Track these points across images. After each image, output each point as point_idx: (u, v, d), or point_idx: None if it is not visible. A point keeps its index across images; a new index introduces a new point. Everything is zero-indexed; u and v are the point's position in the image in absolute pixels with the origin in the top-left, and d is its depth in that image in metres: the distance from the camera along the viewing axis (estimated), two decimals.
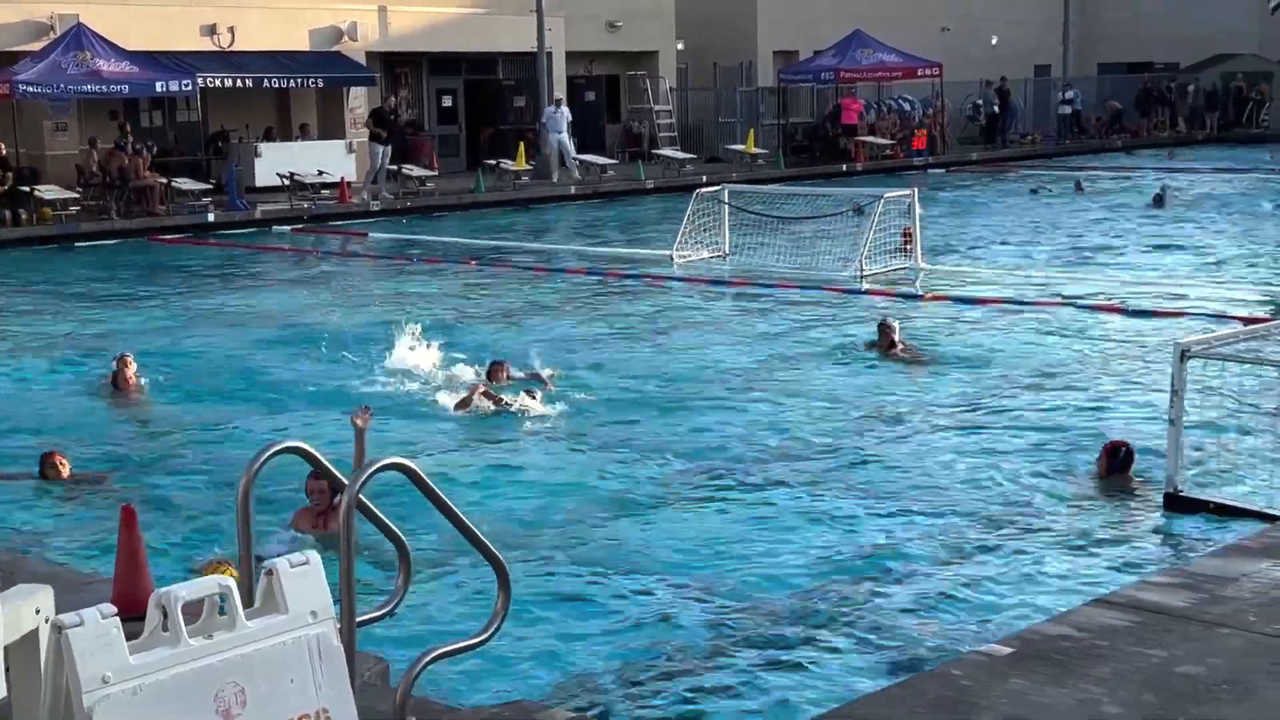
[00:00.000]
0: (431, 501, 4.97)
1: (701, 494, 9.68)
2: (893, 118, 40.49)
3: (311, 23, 32.11)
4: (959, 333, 15.63)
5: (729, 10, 42.49)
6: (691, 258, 21.71)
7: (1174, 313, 16.35)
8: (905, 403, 12.25)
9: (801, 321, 16.63)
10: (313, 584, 3.58)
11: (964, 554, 8.40)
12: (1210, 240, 23.42)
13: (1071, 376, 13.32)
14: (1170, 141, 45.66)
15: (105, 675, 3.19)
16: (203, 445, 11.36)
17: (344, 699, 3.56)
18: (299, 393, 13.23)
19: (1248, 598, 5.98)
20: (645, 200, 32.05)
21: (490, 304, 18.40)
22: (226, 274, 22.14)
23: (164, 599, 3.32)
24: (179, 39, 29.75)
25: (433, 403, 12.47)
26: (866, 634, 7.17)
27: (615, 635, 7.29)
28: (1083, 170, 36.65)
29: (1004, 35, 47.79)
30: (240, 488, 5.22)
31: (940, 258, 21.43)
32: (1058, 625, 5.86)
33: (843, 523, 9.02)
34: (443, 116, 36.75)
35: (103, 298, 19.72)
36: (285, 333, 16.52)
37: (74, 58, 27.02)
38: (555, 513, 9.39)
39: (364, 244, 25.66)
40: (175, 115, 32.15)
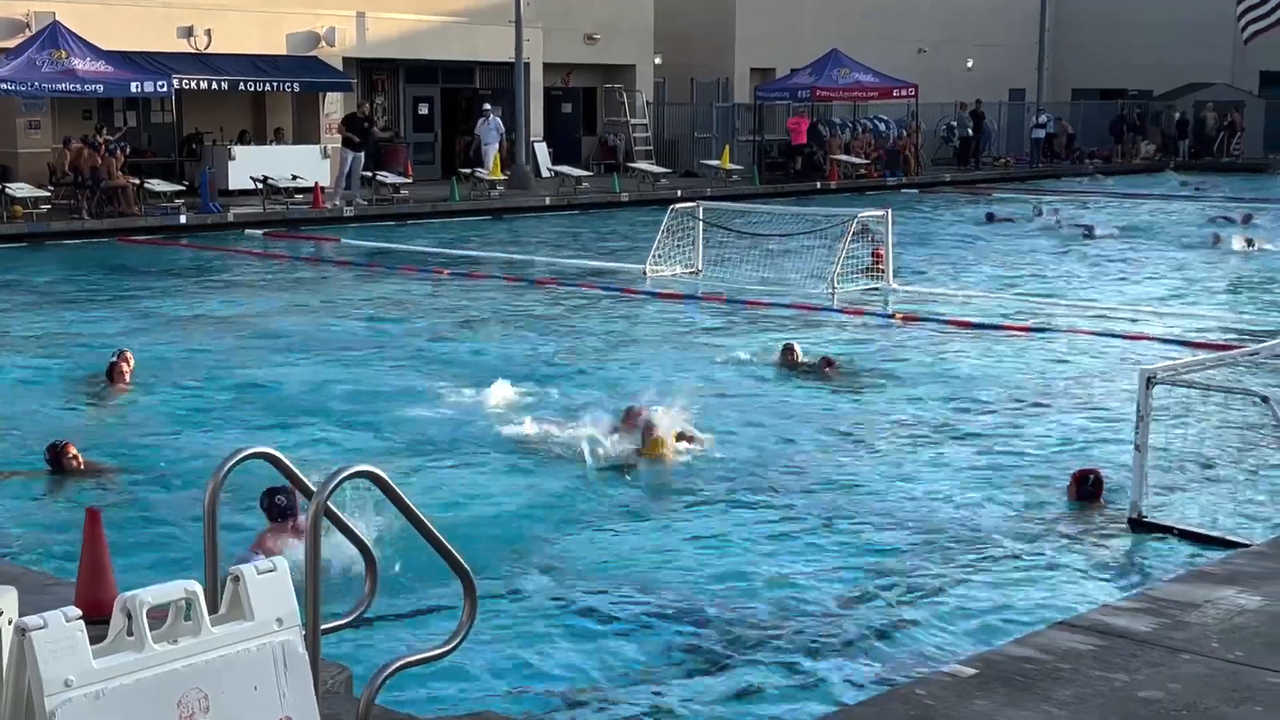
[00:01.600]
0: (400, 510, 4.96)
1: (668, 512, 9.66)
2: (867, 137, 40.67)
3: (289, 27, 32.07)
4: (927, 354, 15.68)
5: (707, 26, 42.63)
6: (664, 273, 21.74)
7: (1138, 336, 16.46)
8: (872, 424, 12.28)
9: (772, 338, 16.65)
10: (279, 591, 3.57)
11: (929, 575, 8.42)
12: (1163, 269, 23.57)
13: (1039, 399, 13.38)
14: (1142, 168, 45.99)
15: (68, 679, 3.17)
16: (174, 447, 11.30)
17: (308, 707, 3.55)
18: (269, 397, 13.19)
19: (1210, 624, 6.01)
20: (619, 213, 32.07)
21: (459, 313, 18.37)
22: (197, 276, 22.06)
23: (129, 603, 3.31)
24: (155, 40, 29.66)
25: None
26: (831, 654, 7.18)
27: (581, 649, 7.27)
28: (1051, 194, 36.90)
29: (979, 59, 48.06)
30: (207, 493, 5.20)
31: (912, 279, 21.49)
32: (1022, 647, 5.88)
33: (806, 543, 9.02)
34: (418, 124, 36.74)
35: (71, 297, 19.61)
36: (256, 336, 16.48)
37: (49, 55, 26.91)
38: (524, 525, 9.38)
39: (337, 249, 25.61)
40: (150, 116, 32.05)
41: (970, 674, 5.58)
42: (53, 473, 10.36)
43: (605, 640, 7.39)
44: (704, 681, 6.90)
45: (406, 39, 34.23)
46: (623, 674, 7.00)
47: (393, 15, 33.82)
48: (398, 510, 4.94)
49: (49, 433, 11.48)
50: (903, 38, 45.63)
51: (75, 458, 10.38)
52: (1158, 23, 50.37)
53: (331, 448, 11.23)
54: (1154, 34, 50.21)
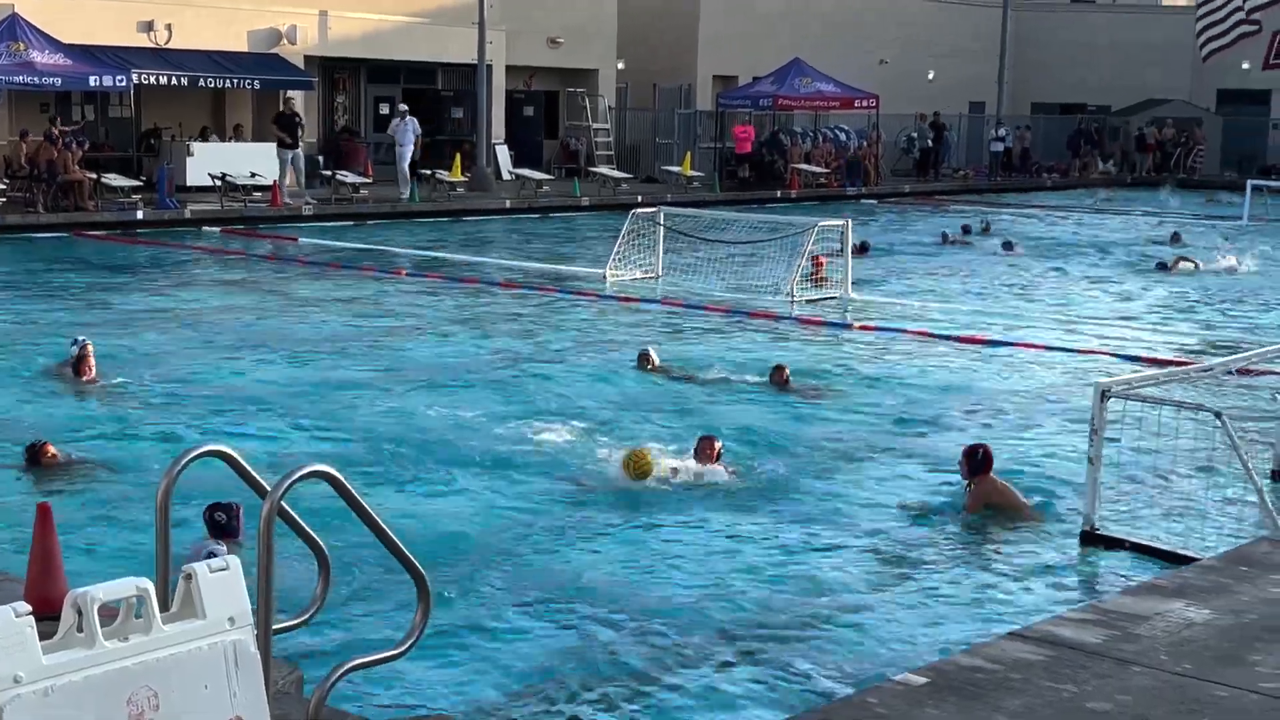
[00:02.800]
0: (354, 511, 4.95)
1: (621, 522, 9.64)
2: (828, 147, 40.81)
3: (250, 24, 31.91)
4: (881, 363, 15.75)
5: (670, 33, 42.70)
6: (624, 277, 21.75)
7: (1091, 350, 16.58)
8: (823, 434, 12.30)
9: (728, 346, 16.70)
10: (232, 590, 3.55)
11: (881, 584, 8.45)
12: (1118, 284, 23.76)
13: (992, 410, 13.46)
14: (1100, 183, 46.31)
15: (17, 675, 3.14)
16: (130, 443, 11.23)
17: (259, 707, 3.53)
18: (223, 394, 13.11)
19: (1160, 637, 6.06)
20: (579, 217, 32.07)
21: (417, 314, 18.32)
22: (153, 273, 21.92)
23: (80, 600, 3.28)
24: (115, 34, 29.44)
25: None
26: (783, 662, 7.18)
27: (533, 654, 7.27)
28: (1002, 208, 37.09)
29: (941, 71, 48.32)
30: (160, 491, 5.18)
31: (868, 288, 21.58)
32: (972, 657, 5.91)
33: (758, 551, 9.02)
34: (379, 124, 36.62)
35: (27, 291, 19.45)
36: (212, 334, 16.38)
37: (7, 47, 26.68)
38: (480, 529, 9.36)
39: (294, 248, 25.50)
40: (108, 110, 31.82)
41: (921, 683, 5.61)
42: (27, 468, 10.28)
43: (556, 646, 7.38)
44: (651, 690, 6.89)
45: (369, 38, 34.12)
46: (573, 679, 6.99)
47: (356, 15, 33.71)
48: (352, 511, 4.93)
49: (8, 426, 11.42)
50: (865, 48, 45.83)
51: (54, 456, 10.32)
52: (1118, 40, 50.81)
53: (286, 446, 11.17)
54: (1114, 51, 50.63)
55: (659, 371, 14.55)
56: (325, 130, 35.19)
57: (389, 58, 35.10)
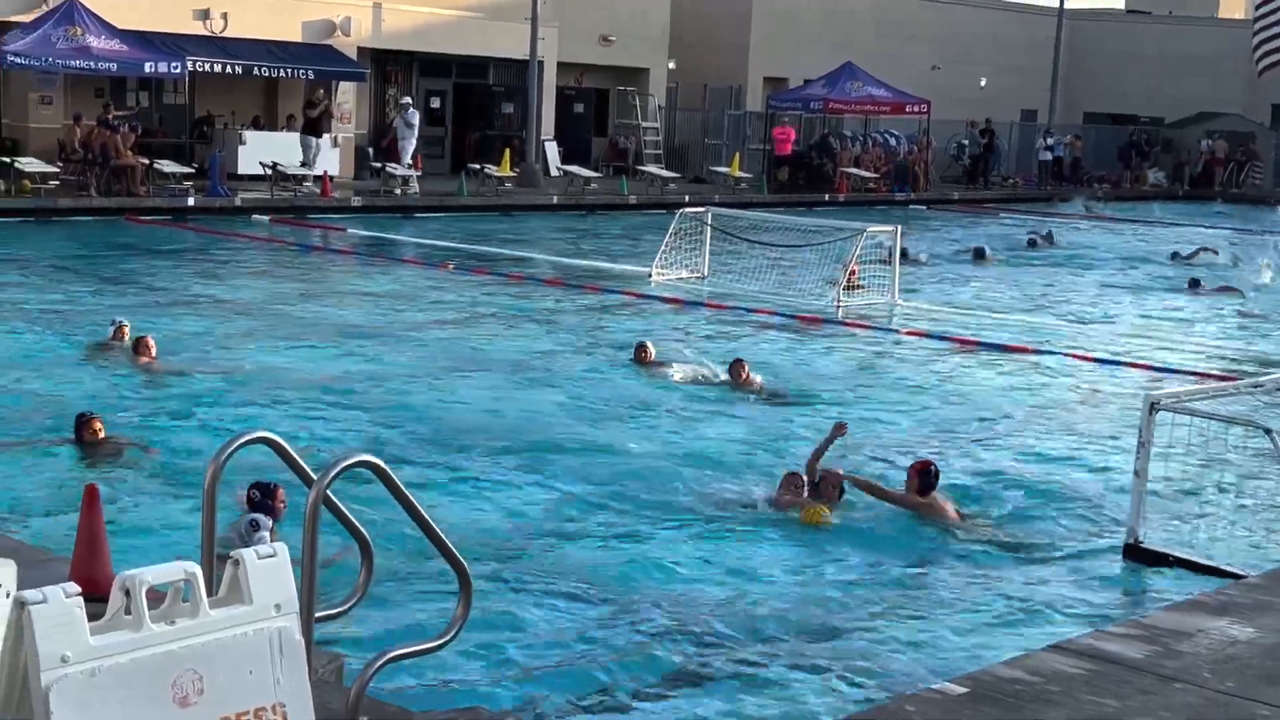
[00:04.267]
0: (399, 502, 4.96)
1: (669, 524, 9.63)
2: (877, 151, 40.66)
3: (305, 14, 32.07)
4: (929, 370, 15.68)
5: (722, 33, 42.65)
6: (670, 277, 21.74)
7: (1143, 365, 16.44)
8: (865, 439, 12.25)
9: (774, 349, 16.67)
10: (278, 576, 3.56)
11: (923, 593, 8.41)
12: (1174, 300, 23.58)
13: (1038, 420, 13.39)
14: (1151, 195, 45.93)
15: (65, 655, 3.16)
16: (177, 427, 11.30)
17: (302, 695, 3.54)
18: (270, 381, 13.19)
19: (1203, 654, 6.01)
20: (626, 215, 32.07)
21: (462, 307, 18.37)
22: (203, 259, 22.08)
23: (128, 582, 3.30)
24: (171, 21, 29.65)
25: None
26: (821, 667, 7.15)
27: (573, 651, 7.27)
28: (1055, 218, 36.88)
29: (993, 78, 48.09)
30: (207, 476, 5.20)
31: (918, 296, 21.49)
32: (1012, 668, 5.88)
33: (798, 555, 8.99)
34: (430, 118, 36.74)
35: (78, 273, 19.63)
36: (259, 321, 16.49)
37: (65, 32, 26.90)
38: (523, 524, 9.38)
39: (342, 238, 25.63)
40: (162, 97, 32.04)
41: (960, 693, 5.58)
42: (74, 443, 10.38)
43: (597, 644, 7.38)
44: (692, 694, 6.88)
45: (421, 32, 34.23)
46: (612, 680, 6.99)
47: (409, 8, 33.82)
48: (397, 501, 4.95)
49: (55, 404, 11.53)
50: (917, 54, 45.66)
51: (97, 431, 10.43)
52: (1172, 51, 50.41)
53: (329, 435, 11.23)
54: (1168, 63, 50.24)
55: (655, 365, 14.51)
56: (376, 123, 35.33)
57: (441, 51, 35.21)
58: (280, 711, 3.49)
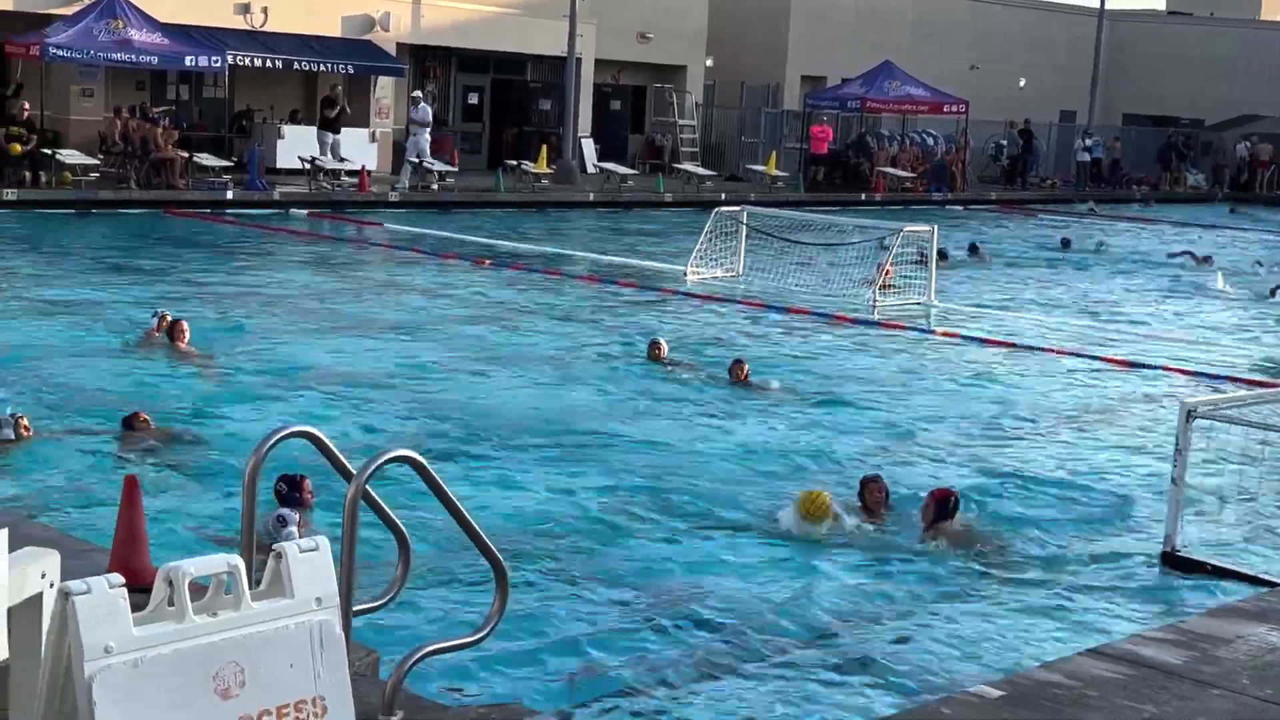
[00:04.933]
0: (437, 496, 4.99)
1: (708, 523, 9.62)
2: (914, 151, 40.53)
3: (345, 9, 32.19)
4: (965, 371, 15.63)
5: (760, 32, 42.60)
6: (705, 275, 21.73)
7: (1180, 370, 16.33)
8: (902, 442, 12.22)
9: (812, 348, 16.66)
10: (320, 570, 3.58)
11: (959, 596, 8.38)
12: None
13: (1074, 424, 13.32)
14: (1190, 197, 45.61)
15: (108, 645, 3.18)
16: (214, 420, 11.35)
17: (342, 688, 3.56)
18: (307, 375, 13.24)
19: (1242, 660, 5.98)
20: (662, 213, 32.07)
21: (497, 303, 18.41)
22: (241, 252, 22.20)
23: (172, 573, 3.32)
24: (212, 15, 29.80)
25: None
26: (857, 672, 7.13)
27: (609, 647, 7.28)
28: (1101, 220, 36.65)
29: (1032, 79, 47.88)
30: (248, 469, 5.25)
31: (956, 297, 21.42)
32: (1049, 672, 5.86)
33: (835, 560, 8.95)
34: (468, 113, 36.83)
35: (117, 264, 19.76)
36: (297, 314, 16.56)
37: (106, 25, 27.07)
38: (560, 520, 9.39)
39: (381, 233, 25.72)
40: (202, 90, 32.21)
41: (996, 695, 5.57)
42: (118, 432, 10.54)
43: (633, 641, 7.38)
44: (728, 693, 6.88)
45: (460, 28, 34.31)
46: (646, 676, 6.99)
47: (448, 4, 33.90)
48: (435, 496, 4.97)
49: (94, 395, 11.61)
50: (956, 53, 45.49)
51: (145, 421, 10.60)
52: (1213, 54, 50.08)
53: (366, 428, 11.27)
54: (1209, 65, 49.91)
55: (668, 362, 14.54)
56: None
57: (479, 47, 35.28)
58: (320, 704, 3.51)
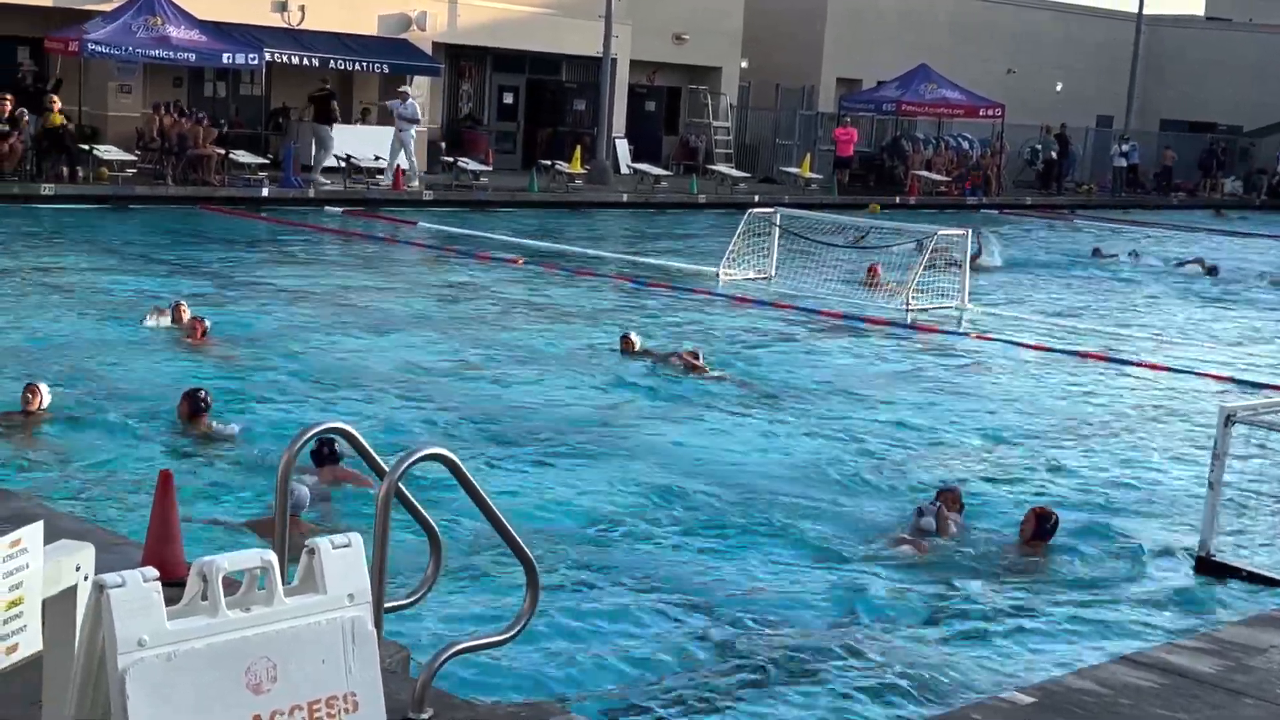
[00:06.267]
0: (469, 494, 4.99)
1: (736, 520, 9.61)
2: (950, 154, 40.39)
3: (381, 8, 32.28)
4: (998, 375, 15.57)
5: (796, 33, 42.51)
6: (737, 277, 21.70)
7: (1215, 376, 16.22)
8: (938, 448, 12.18)
9: (841, 351, 16.62)
10: (352, 566, 3.58)
11: (992, 601, 8.34)
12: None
13: (1108, 429, 13.25)
14: (1228, 204, 45.27)
15: (142, 638, 3.20)
16: (249, 414, 11.39)
17: (373, 685, 3.56)
18: (341, 372, 13.28)
19: (1275, 669, 5.94)
20: (696, 214, 32.06)
21: (530, 303, 18.42)
22: (277, 249, 22.29)
23: (205, 568, 3.33)
24: (249, 12, 29.94)
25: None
26: (889, 677, 7.09)
27: (639, 644, 7.28)
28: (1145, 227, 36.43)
29: (1069, 83, 47.64)
30: (281, 465, 5.27)
31: (987, 300, 21.34)
32: (1081, 679, 5.83)
33: (867, 567, 8.91)
34: (502, 113, 36.89)
35: (153, 259, 19.87)
36: (332, 311, 16.62)
37: (145, 21, 27.22)
38: (593, 519, 9.39)
39: (414, 231, 25.78)
40: (239, 88, 32.35)
41: (1028, 702, 5.54)
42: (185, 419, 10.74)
43: (661, 642, 7.37)
44: (755, 698, 6.86)
45: (496, 27, 34.36)
46: (673, 679, 6.99)
47: (484, 3, 33.96)
48: (467, 494, 4.97)
49: (128, 389, 11.68)
50: (992, 57, 45.31)
51: (202, 406, 10.79)
52: (1253, 59, 49.70)
53: (396, 425, 11.29)
54: (1248, 70, 49.52)
55: (641, 355, 14.60)
56: (448, 117, 35.52)
57: (514, 47, 35.34)
58: (351, 701, 3.51)
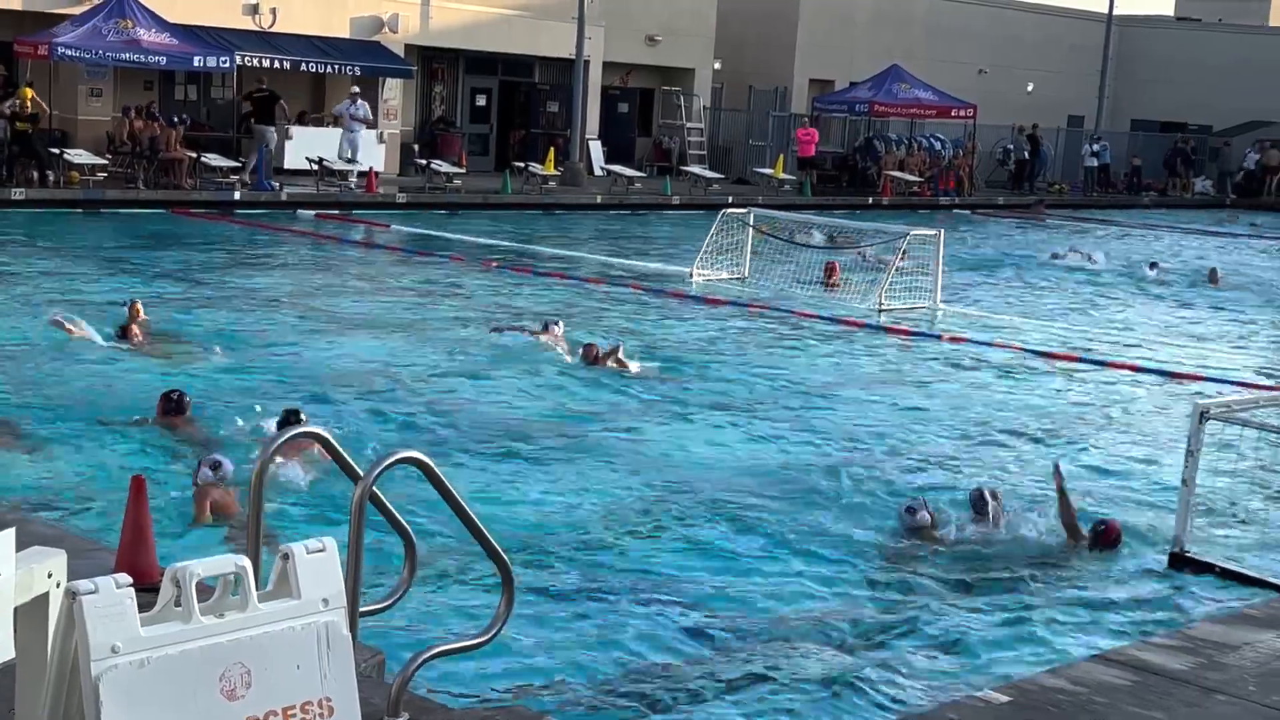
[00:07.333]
0: (443, 498, 4.98)
1: (710, 521, 9.61)
2: (922, 155, 40.50)
3: (353, 10, 32.22)
4: (972, 374, 15.62)
5: (768, 35, 42.57)
6: (710, 277, 21.73)
7: (1188, 374, 16.31)
8: (911, 446, 12.21)
9: (814, 351, 16.65)
10: (327, 571, 3.57)
11: (966, 600, 8.36)
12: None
13: (1081, 428, 13.30)
14: (1198, 203, 45.51)
15: (115, 645, 3.18)
16: (219, 420, 11.34)
17: (348, 690, 3.56)
18: (314, 375, 13.24)
19: (1248, 666, 5.97)
20: (669, 215, 32.07)
21: (503, 305, 18.41)
22: (248, 252, 22.21)
23: (179, 574, 3.32)
24: (221, 15, 29.84)
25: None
26: (863, 677, 7.11)
27: (616, 646, 7.27)
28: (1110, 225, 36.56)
29: (1040, 83, 47.82)
30: (255, 470, 5.24)
31: (959, 301, 21.40)
32: (1056, 678, 5.85)
33: (843, 566, 8.93)
34: (475, 115, 36.85)
35: (123, 264, 19.77)
36: (304, 315, 16.57)
37: (115, 25, 27.10)
38: (565, 523, 9.38)
39: (386, 235, 25.72)
40: (210, 91, 32.23)
41: (1003, 701, 5.56)
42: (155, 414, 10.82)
43: (637, 643, 7.37)
44: (731, 698, 6.85)
45: (468, 29, 34.32)
46: (648, 679, 6.99)
47: (457, 6, 33.92)
48: (442, 498, 4.96)
49: (97, 394, 11.62)
50: (964, 58, 45.46)
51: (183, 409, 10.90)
52: (1223, 60, 49.94)
53: (369, 430, 11.26)
54: (1218, 71, 49.76)
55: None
56: (421, 119, 35.46)
57: (487, 49, 35.30)
58: (327, 705, 3.50)
